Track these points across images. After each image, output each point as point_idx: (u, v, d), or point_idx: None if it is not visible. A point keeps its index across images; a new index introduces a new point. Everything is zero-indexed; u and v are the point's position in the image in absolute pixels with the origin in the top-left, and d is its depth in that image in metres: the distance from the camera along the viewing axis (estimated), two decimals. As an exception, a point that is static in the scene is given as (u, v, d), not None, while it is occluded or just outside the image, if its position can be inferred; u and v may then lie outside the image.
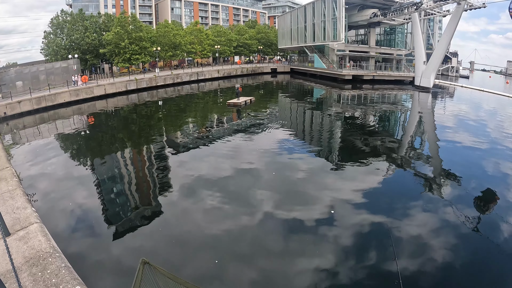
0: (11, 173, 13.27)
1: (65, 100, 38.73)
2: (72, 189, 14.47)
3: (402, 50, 70.81)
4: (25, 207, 9.97)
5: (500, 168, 17.02)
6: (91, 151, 22.12)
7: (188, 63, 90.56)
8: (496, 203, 12.87)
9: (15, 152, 19.80)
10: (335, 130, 26.98)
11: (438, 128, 27.60)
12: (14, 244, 7.84)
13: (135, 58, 61.03)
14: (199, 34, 79.78)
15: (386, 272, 8.65)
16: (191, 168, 17.08)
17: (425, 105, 41.62)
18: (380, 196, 13.66)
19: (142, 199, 14.05)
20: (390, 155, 19.66)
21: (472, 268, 9.13)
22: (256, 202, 12.84)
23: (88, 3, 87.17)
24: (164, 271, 5.41)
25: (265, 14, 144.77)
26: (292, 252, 9.66)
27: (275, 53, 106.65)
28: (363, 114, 33.96)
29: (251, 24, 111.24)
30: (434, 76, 51.32)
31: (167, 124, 30.33)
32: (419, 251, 9.60)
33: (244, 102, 36.16)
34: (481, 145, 21.66)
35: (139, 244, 10.11)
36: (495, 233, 10.70)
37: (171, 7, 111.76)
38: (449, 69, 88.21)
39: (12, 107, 32.56)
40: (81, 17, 62.76)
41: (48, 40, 62.73)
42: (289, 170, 16.53)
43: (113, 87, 47.21)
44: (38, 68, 43.65)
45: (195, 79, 64.77)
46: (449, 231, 10.80)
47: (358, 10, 66.05)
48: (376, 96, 49.10)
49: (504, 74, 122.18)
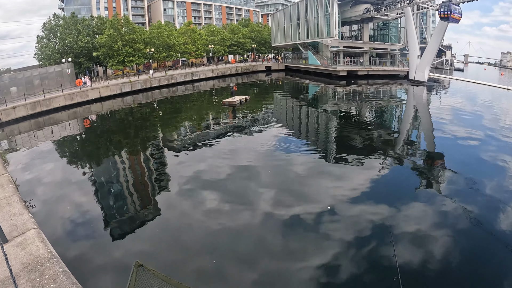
0: (7, 180, 13.28)
1: (60, 104, 38.59)
2: (69, 194, 14.47)
3: (396, 45, 70.96)
4: (22, 213, 10.00)
5: (497, 160, 17.10)
6: (87, 155, 22.11)
7: (182, 63, 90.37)
8: (494, 196, 12.91)
9: (11, 158, 19.74)
10: (331, 127, 27.07)
11: (434, 121, 27.73)
12: (12, 251, 7.87)
13: (129, 60, 60.77)
14: (192, 34, 79.59)
15: (385, 267, 8.71)
16: (188, 168, 17.10)
17: (420, 99, 41.81)
18: (378, 191, 13.73)
19: (138, 202, 14.07)
20: (387, 150, 19.75)
21: (471, 262, 9.15)
22: (253, 201, 12.90)
23: (80, 6, 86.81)
24: (158, 273, 5.47)
25: (258, 12, 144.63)
26: (291, 249, 9.72)
27: (269, 51, 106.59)
28: (358, 110, 34.09)
29: (245, 22, 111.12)
30: (428, 70, 51.56)
31: (163, 126, 30.32)
32: (418, 247, 9.64)
33: (239, 101, 36.19)
34: (477, 137, 21.79)
35: (137, 247, 10.14)
36: (494, 226, 10.73)
37: (163, 7, 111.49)
38: (443, 63, 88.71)
39: (7, 113, 32.43)
40: (73, 20, 62.42)
41: (41, 45, 62.43)
42: (286, 168, 16.58)
43: (108, 90, 47.04)
44: (32, 73, 43.38)
45: (189, 80, 64.68)
46: (448, 225, 10.87)
47: (351, 6, 66.15)
48: (371, 91, 49.26)
49: (498, 66, 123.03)
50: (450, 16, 43.12)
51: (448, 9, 42.84)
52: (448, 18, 43.66)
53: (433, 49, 49.63)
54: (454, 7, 43.15)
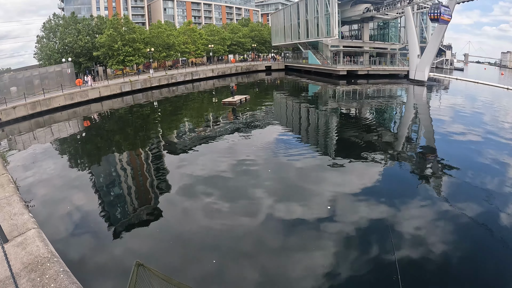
0: (7, 179, 13.29)
1: (60, 104, 38.59)
2: (69, 193, 14.47)
3: (396, 44, 70.97)
4: (22, 213, 10.00)
5: (497, 159, 17.11)
6: (87, 155, 22.12)
7: (182, 63, 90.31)
8: (494, 195, 12.88)
9: (11, 158, 19.76)
10: (331, 126, 27.06)
11: (434, 121, 27.73)
12: (12, 251, 7.88)
13: (129, 60, 60.71)
14: (192, 33, 79.56)
15: (385, 266, 8.73)
16: (188, 168, 17.10)
17: (420, 99, 41.80)
18: (377, 190, 13.72)
19: (139, 201, 14.07)
20: (387, 149, 19.75)
21: (470, 261, 9.15)
22: (253, 200, 12.90)
23: (80, 6, 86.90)
24: (158, 273, 5.48)
25: (258, 12, 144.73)
26: (290, 248, 9.71)
27: (269, 50, 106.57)
28: (358, 109, 34.07)
29: (244, 22, 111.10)
30: (428, 69, 51.55)
31: (163, 125, 30.31)
32: (418, 246, 9.64)
33: (240, 100, 36.20)
34: (477, 136, 21.80)
35: (137, 246, 10.15)
36: (494, 225, 10.71)
37: (163, 7, 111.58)
38: (443, 62, 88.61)
39: (7, 113, 32.43)
40: (73, 20, 62.33)
41: (41, 45, 62.36)
42: (286, 168, 16.58)
43: (108, 90, 47.03)
44: (32, 73, 43.33)
45: (189, 79, 64.65)
46: (448, 224, 10.88)
47: (351, 6, 66.08)
48: (371, 91, 49.27)
49: (498, 65, 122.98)
50: (439, 18, 43.43)
51: (438, 11, 43.14)
52: (438, 19, 43.95)
53: (433, 48, 49.62)
54: (444, 9, 43.37)
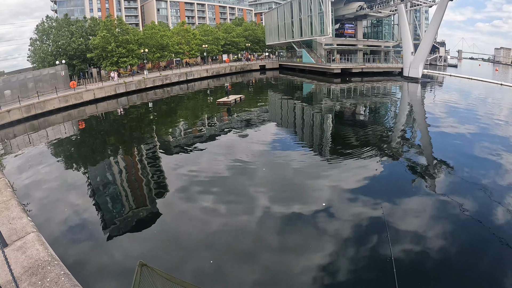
0: (4, 184, 13.25)
1: (55, 107, 38.36)
2: (66, 196, 14.46)
3: (390, 42, 71.35)
4: (21, 217, 10.00)
5: (491, 154, 17.29)
6: (84, 157, 22.07)
7: (176, 63, 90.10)
8: (490, 190, 13.01)
9: (7, 162, 19.67)
10: (326, 124, 27.18)
11: (428, 117, 27.98)
12: (12, 255, 7.89)
13: (122, 61, 60.53)
14: (186, 34, 79.48)
15: (381, 263, 8.82)
16: (184, 168, 17.13)
17: (415, 95, 42.09)
18: (373, 187, 13.84)
19: (137, 202, 14.10)
20: (382, 146, 19.88)
21: (467, 256, 9.23)
22: (249, 199, 13.00)
23: (73, 8, 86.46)
24: (162, 272, 5.54)
25: (251, 11, 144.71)
26: (287, 246, 9.83)
27: (263, 50, 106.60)
28: (353, 107, 34.23)
29: (238, 21, 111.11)
30: (422, 66, 51.86)
31: (158, 126, 30.29)
32: (414, 242, 9.75)
33: (234, 100, 36.21)
34: (472, 131, 22.04)
35: (137, 247, 10.19)
36: (490, 220, 10.83)
37: (157, 8, 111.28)
38: (437, 59, 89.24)
39: (2, 117, 32.19)
40: (66, 22, 62.05)
41: (35, 47, 62.09)
42: (281, 166, 16.65)
43: (102, 91, 46.83)
44: (26, 76, 43.08)
45: (184, 80, 64.56)
46: (443, 219, 11.02)
47: (345, 4, 66.32)
48: (365, 89, 49.50)
49: (492, 61, 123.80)
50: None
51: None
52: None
53: (426, 45, 49.92)
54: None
